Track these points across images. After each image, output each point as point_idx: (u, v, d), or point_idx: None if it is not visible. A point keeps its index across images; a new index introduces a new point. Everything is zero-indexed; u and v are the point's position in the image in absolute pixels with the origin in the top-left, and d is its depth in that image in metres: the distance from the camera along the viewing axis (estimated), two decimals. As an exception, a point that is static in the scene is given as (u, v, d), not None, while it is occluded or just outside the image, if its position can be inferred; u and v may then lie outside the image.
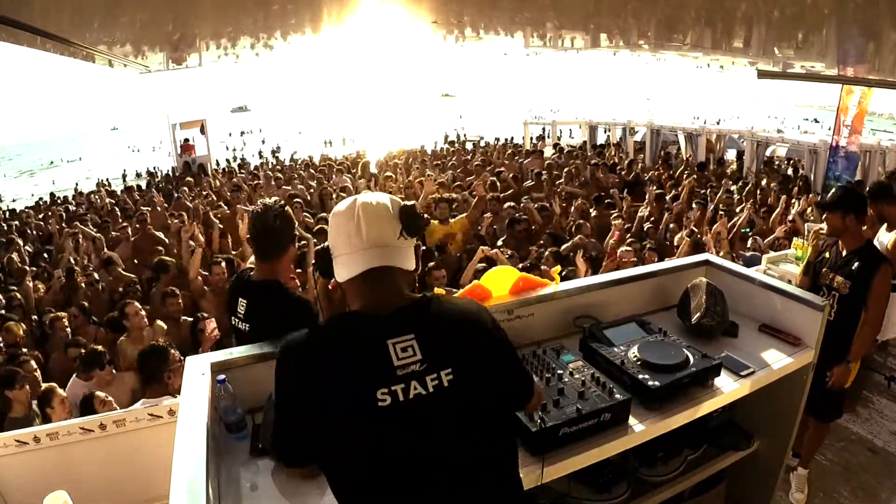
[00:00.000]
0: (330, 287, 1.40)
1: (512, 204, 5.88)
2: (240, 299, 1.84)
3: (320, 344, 1.01)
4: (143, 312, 3.65)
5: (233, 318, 1.85)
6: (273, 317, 1.75)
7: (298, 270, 3.92)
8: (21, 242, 6.53)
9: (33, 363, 3.21)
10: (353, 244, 1.03)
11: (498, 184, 7.10)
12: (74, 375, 3.16)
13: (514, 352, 1.13)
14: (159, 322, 3.69)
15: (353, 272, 1.03)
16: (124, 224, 6.56)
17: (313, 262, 1.16)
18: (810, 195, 6.67)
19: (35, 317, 4.32)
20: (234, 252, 5.27)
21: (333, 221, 1.09)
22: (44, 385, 3.00)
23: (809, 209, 5.58)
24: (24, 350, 3.48)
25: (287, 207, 1.87)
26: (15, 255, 5.79)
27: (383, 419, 0.94)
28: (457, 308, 1.08)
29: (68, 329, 3.81)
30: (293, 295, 1.85)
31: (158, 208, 7.03)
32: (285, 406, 1.01)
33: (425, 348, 0.98)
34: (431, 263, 3.80)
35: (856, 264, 2.45)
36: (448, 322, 1.04)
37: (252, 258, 2.20)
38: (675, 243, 4.73)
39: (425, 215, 5.11)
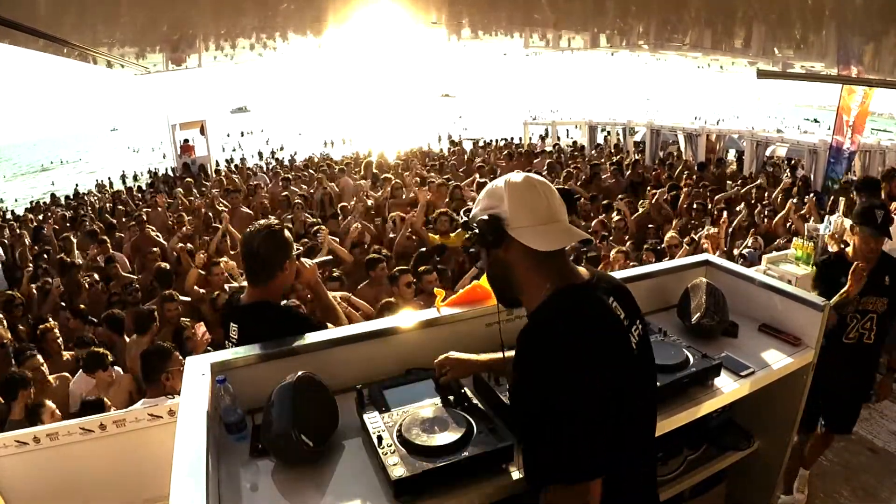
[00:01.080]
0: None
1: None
2: (231, 324, 1.82)
3: (573, 315, 1.03)
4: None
5: (226, 342, 1.82)
6: (263, 339, 1.72)
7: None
8: (28, 242, 6.55)
9: (39, 357, 3.22)
10: (544, 216, 1.06)
11: None
12: (81, 370, 3.19)
13: None
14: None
15: (563, 242, 1.06)
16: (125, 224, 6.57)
17: (467, 234, 1.12)
18: (810, 195, 6.68)
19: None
20: (233, 252, 5.27)
21: (511, 192, 1.07)
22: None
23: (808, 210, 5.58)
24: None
25: (281, 228, 1.82)
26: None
27: (637, 365, 1.09)
28: (616, 280, 1.21)
29: (60, 341, 3.69)
30: (281, 310, 1.83)
31: (160, 209, 7.04)
32: (587, 394, 0.96)
33: (623, 307, 1.10)
34: (425, 267, 3.81)
35: (886, 278, 2.41)
36: (620, 287, 1.17)
37: None
38: (667, 242, 4.68)
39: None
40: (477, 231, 1.09)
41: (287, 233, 1.84)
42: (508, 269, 1.10)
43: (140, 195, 10.91)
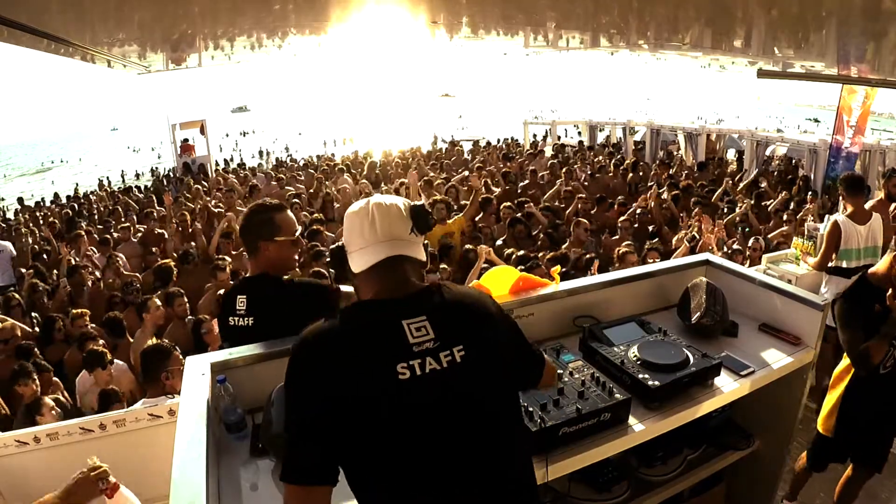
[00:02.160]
0: None
1: (509, 204, 5.89)
2: (238, 297, 1.84)
3: (340, 329, 1.04)
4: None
5: (230, 318, 1.84)
6: (276, 306, 1.77)
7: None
8: (30, 241, 6.56)
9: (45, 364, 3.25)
10: (368, 238, 1.10)
11: (490, 184, 7.11)
12: (84, 370, 3.22)
13: (521, 332, 1.22)
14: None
15: (370, 262, 1.09)
16: (126, 224, 6.56)
17: (327, 259, 1.21)
18: (809, 194, 6.68)
19: (36, 316, 4.32)
20: (234, 252, 5.27)
21: (348, 220, 1.15)
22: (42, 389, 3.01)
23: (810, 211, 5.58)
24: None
25: (264, 208, 1.87)
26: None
27: (404, 391, 0.99)
28: (462, 292, 1.16)
29: (89, 325, 3.83)
30: (291, 281, 1.87)
31: (165, 207, 7.03)
32: (304, 403, 1.00)
33: (437, 328, 1.04)
34: (428, 267, 3.80)
35: None
36: (456, 305, 1.10)
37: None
38: (675, 245, 4.72)
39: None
40: (329, 261, 1.19)
41: (278, 214, 1.86)
42: (356, 289, 1.17)
43: (141, 195, 10.91)
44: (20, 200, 13.54)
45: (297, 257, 1.94)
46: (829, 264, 3.55)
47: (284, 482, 0.98)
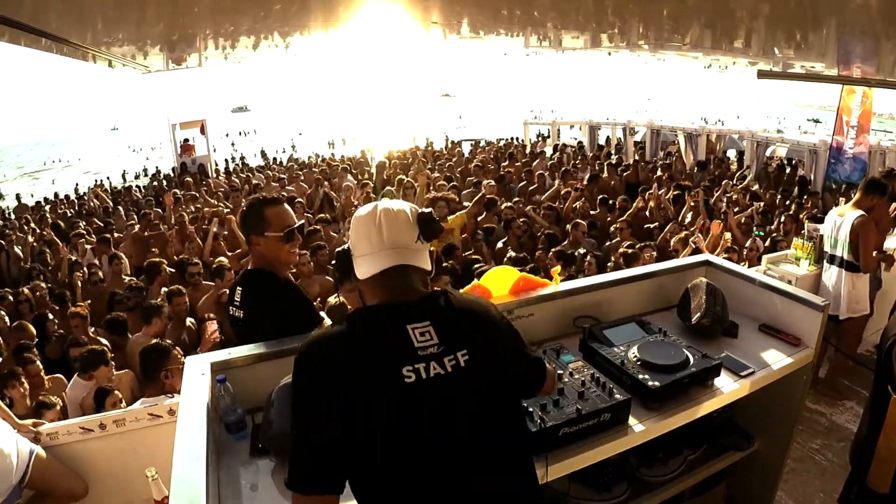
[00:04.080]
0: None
1: (509, 204, 5.89)
2: (237, 288, 1.88)
3: (347, 333, 1.05)
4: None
5: (230, 308, 1.87)
6: (262, 302, 1.80)
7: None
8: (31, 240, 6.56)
9: (39, 364, 3.22)
10: (374, 244, 1.10)
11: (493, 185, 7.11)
12: (76, 376, 3.14)
13: (522, 339, 1.24)
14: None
15: (375, 269, 1.10)
16: (126, 224, 6.58)
17: (333, 262, 1.22)
18: (806, 196, 6.69)
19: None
20: (231, 253, 5.28)
21: (355, 224, 1.16)
22: (41, 396, 2.99)
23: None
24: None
25: (259, 202, 1.89)
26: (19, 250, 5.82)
27: (410, 395, 0.99)
28: (466, 299, 1.19)
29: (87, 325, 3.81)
30: (281, 280, 1.89)
31: (165, 207, 7.03)
32: (311, 408, 1.00)
33: (441, 333, 1.05)
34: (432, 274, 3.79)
35: None
36: (459, 311, 1.12)
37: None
38: (673, 246, 4.72)
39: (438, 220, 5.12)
40: (333, 263, 1.18)
41: (269, 209, 1.87)
42: (361, 293, 1.18)
43: (141, 195, 10.91)
44: (17, 198, 13.54)
45: (295, 252, 1.94)
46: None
47: (291, 490, 0.99)
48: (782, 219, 5.44)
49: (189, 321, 3.93)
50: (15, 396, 2.84)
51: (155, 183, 13.20)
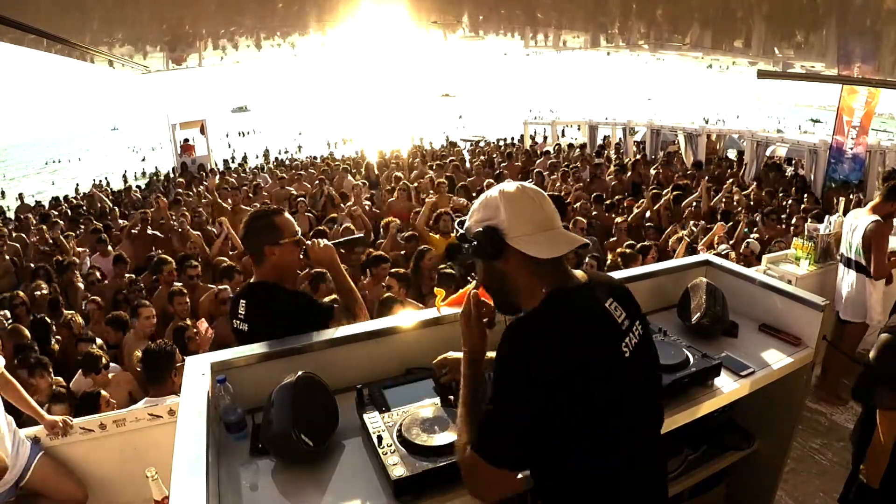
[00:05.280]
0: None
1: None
2: (241, 301, 1.85)
3: (557, 314, 1.04)
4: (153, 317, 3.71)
5: (234, 321, 1.85)
6: (268, 314, 1.77)
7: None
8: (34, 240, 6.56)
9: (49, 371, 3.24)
10: (542, 223, 1.08)
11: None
12: (80, 372, 3.21)
13: None
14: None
15: (562, 250, 1.07)
16: (123, 224, 6.58)
17: (462, 246, 1.14)
18: (806, 195, 6.69)
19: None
20: (232, 252, 5.28)
21: (509, 201, 1.08)
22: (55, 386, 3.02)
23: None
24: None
25: (268, 213, 1.86)
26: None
27: (630, 367, 1.07)
28: (607, 277, 1.29)
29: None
30: (287, 291, 1.86)
31: (162, 209, 7.03)
32: (522, 384, 0.99)
33: (623, 307, 1.11)
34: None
35: None
36: (619, 287, 1.18)
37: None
38: (672, 246, 4.72)
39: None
40: (476, 243, 1.09)
41: (278, 217, 1.85)
42: (507, 278, 1.11)
43: (140, 195, 10.91)
44: (20, 197, 13.53)
45: (301, 258, 1.94)
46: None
47: (479, 454, 1.02)
48: (782, 216, 5.45)
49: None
50: (41, 387, 2.87)
51: (159, 182, 13.21)
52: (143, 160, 30.23)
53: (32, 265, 5.36)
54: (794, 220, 5.32)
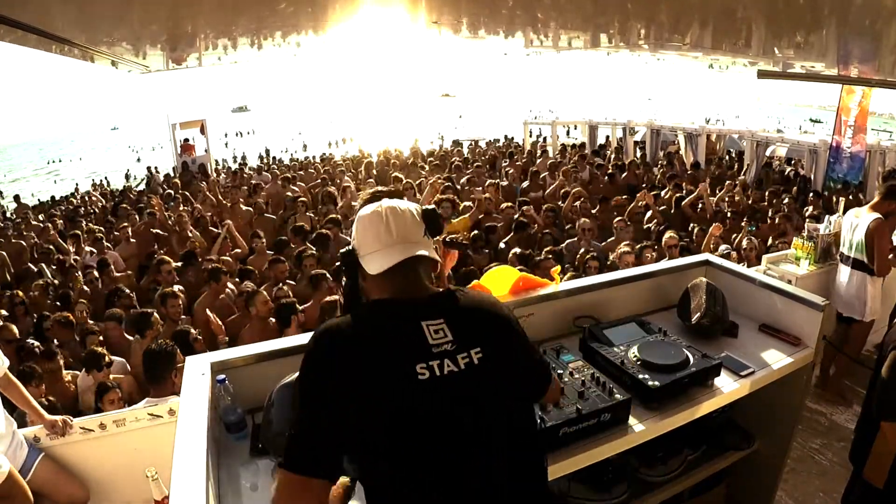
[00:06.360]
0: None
1: (510, 204, 5.88)
2: None
3: (359, 325, 1.05)
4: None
5: None
6: None
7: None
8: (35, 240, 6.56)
9: (60, 360, 3.26)
10: (384, 240, 1.10)
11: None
12: (84, 370, 3.22)
13: (530, 342, 1.21)
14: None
15: (388, 264, 1.09)
16: (124, 224, 6.57)
17: (337, 263, 1.22)
18: (810, 195, 6.68)
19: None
20: (231, 252, 5.28)
21: (361, 223, 1.15)
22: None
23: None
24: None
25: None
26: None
27: (423, 391, 0.99)
28: (477, 296, 1.18)
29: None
30: None
31: (156, 210, 7.02)
32: (315, 395, 1.00)
33: (455, 331, 1.05)
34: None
35: None
36: (472, 308, 1.13)
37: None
38: (665, 244, 4.68)
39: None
40: (338, 263, 1.16)
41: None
42: (367, 293, 1.17)
43: (138, 195, 10.91)
44: (17, 198, 13.51)
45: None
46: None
47: (284, 469, 0.98)
48: (776, 220, 5.45)
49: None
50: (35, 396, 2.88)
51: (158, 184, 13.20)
52: (139, 161, 30.22)
53: (33, 266, 5.36)
54: (794, 221, 5.32)
